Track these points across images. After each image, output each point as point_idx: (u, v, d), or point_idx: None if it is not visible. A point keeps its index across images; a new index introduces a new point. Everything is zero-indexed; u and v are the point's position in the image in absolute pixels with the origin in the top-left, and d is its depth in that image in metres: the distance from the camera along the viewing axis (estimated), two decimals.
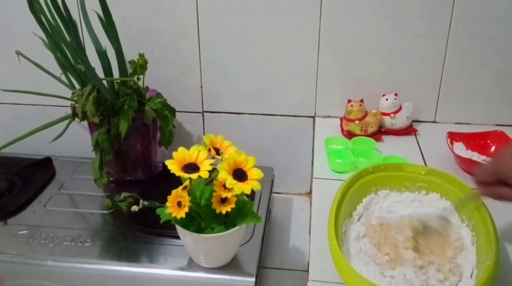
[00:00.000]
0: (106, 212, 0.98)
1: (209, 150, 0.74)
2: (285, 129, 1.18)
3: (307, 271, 0.71)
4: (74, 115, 0.98)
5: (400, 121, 1.06)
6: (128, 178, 1.09)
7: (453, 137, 0.98)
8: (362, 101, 1.05)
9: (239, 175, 0.69)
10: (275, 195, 1.23)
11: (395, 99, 1.06)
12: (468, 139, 0.99)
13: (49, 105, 1.20)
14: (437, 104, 1.11)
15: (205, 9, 1.07)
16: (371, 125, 1.04)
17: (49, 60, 0.99)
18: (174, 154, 0.71)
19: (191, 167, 0.70)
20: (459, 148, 0.97)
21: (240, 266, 0.82)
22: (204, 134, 1.21)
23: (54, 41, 0.92)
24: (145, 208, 0.77)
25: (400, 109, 1.06)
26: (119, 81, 0.98)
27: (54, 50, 0.95)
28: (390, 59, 1.07)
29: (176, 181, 0.71)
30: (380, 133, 1.06)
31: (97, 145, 0.97)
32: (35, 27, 0.89)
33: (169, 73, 1.14)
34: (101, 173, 0.99)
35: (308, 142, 1.17)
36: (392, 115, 1.06)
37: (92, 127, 1.00)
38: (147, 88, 1.03)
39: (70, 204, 1.01)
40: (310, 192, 1.24)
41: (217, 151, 0.75)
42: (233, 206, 0.71)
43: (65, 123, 1.05)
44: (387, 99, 1.06)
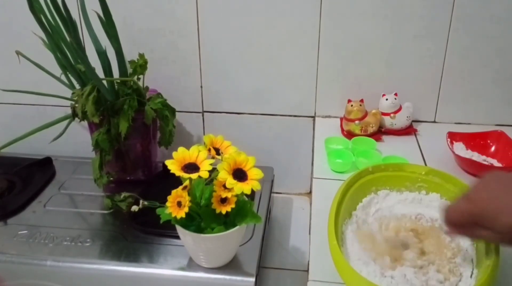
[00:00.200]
0: (106, 212, 0.98)
1: (209, 150, 0.74)
2: (285, 129, 1.18)
3: (307, 271, 0.71)
4: (74, 115, 0.98)
5: (400, 121, 1.06)
6: (128, 178, 1.09)
7: (453, 137, 0.98)
8: (362, 101, 1.05)
9: (239, 175, 0.69)
10: (275, 195, 1.23)
11: (395, 99, 1.06)
12: (468, 139, 0.99)
13: (49, 105, 1.20)
14: (437, 104, 1.11)
15: (205, 9, 1.07)
16: (371, 125, 1.04)
17: (49, 60, 0.99)
18: (174, 154, 0.71)
19: (191, 167, 0.70)
20: (459, 148, 0.97)
21: (240, 266, 0.82)
22: (204, 134, 1.21)
23: (54, 41, 0.92)
24: (145, 208, 0.77)
25: (400, 109, 1.06)
26: (119, 81, 0.98)
27: (54, 50, 0.95)
28: (390, 59, 1.07)
29: (176, 181, 0.71)
30: (380, 133, 1.06)
31: (97, 145, 0.97)
32: (35, 27, 0.89)
33: (169, 73, 1.14)
34: (101, 173, 0.99)
35: (308, 142, 1.17)
36: (392, 115, 1.06)
37: (92, 127, 1.00)
38: (147, 88, 1.03)
39: (70, 204, 1.01)
40: (310, 192, 1.24)
41: (217, 151, 0.75)
42: (233, 206, 0.71)
43: (65, 123, 1.05)
44: (387, 99, 1.06)
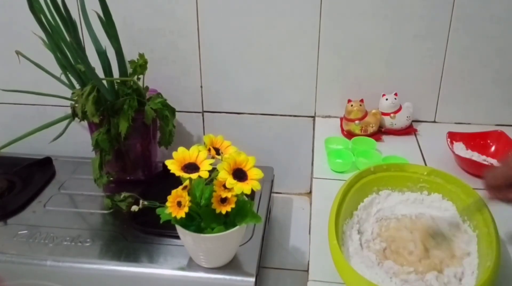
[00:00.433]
0: (106, 212, 0.98)
1: (209, 150, 0.74)
2: (285, 129, 1.18)
3: (307, 271, 0.71)
4: (74, 115, 0.98)
5: (400, 121, 1.06)
6: (128, 178, 1.09)
7: (453, 137, 0.98)
8: (362, 101, 1.05)
9: (239, 175, 0.69)
10: (275, 195, 1.23)
11: (395, 99, 1.06)
12: (468, 139, 0.99)
13: (49, 105, 1.20)
14: (437, 104, 1.11)
15: (205, 9, 1.07)
16: (371, 125, 1.04)
17: (49, 60, 0.99)
18: (174, 154, 0.71)
19: (191, 167, 0.70)
20: (459, 148, 0.97)
21: (240, 266, 0.82)
22: (204, 134, 1.21)
23: (54, 41, 0.92)
24: (145, 208, 0.77)
25: (400, 109, 1.06)
26: (119, 81, 0.98)
27: (54, 50, 0.95)
28: (390, 59, 1.07)
29: (176, 181, 0.71)
30: (380, 133, 1.06)
31: (97, 145, 0.97)
32: (35, 27, 0.89)
33: (169, 73, 1.14)
34: (101, 173, 0.99)
35: (308, 142, 1.17)
36: (392, 115, 1.06)
37: (92, 127, 1.00)
38: (147, 88, 1.03)
39: (70, 204, 1.01)
40: (310, 192, 1.24)
41: (217, 151, 0.75)
42: (233, 206, 0.71)
43: (65, 123, 1.05)
44: (387, 99, 1.06)
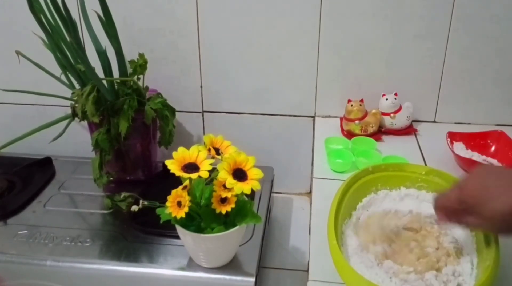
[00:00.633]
0: (106, 212, 0.98)
1: (209, 150, 0.74)
2: (285, 129, 1.18)
3: (307, 271, 0.71)
4: (74, 115, 0.98)
5: (400, 121, 1.06)
6: (128, 178, 1.09)
7: (453, 137, 0.98)
8: (362, 101, 1.05)
9: (239, 175, 0.69)
10: (275, 195, 1.23)
11: (395, 99, 1.06)
12: (468, 139, 0.99)
13: (49, 105, 1.20)
14: (437, 104, 1.11)
15: (205, 9, 1.07)
16: (371, 125, 1.04)
17: (49, 60, 0.99)
18: (174, 154, 0.71)
19: (191, 167, 0.70)
20: (459, 148, 0.97)
21: (240, 266, 0.82)
22: (204, 134, 1.21)
23: (54, 41, 0.92)
24: (145, 208, 0.77)
25: (400, 109, 1.06)
26: (119, 81, 0.98)
27: (54, 50, 0.95)
28: (390, 59, 1.07)
29: (176, 181, 0.71)
30: (380, 133, 1.06)
31: (97, 145, 0.97)
32: (35, 27, 0.89)
33: (169, 73, 1.14)
34: (101, 173, 0.99)
35: (308, 142, 1.17)
36: (392, 115, 1.06)
37: (92, 127, 1.00)
38: (147, 88, 1.03)
39: (70, 204, 1.01)
40: (310, 192, 1.24)
41: (217, 151, 0.75)
42: (233, 206, 0.71)
43: (65, 123, 1.05)
44: (387, 99, 1.06)
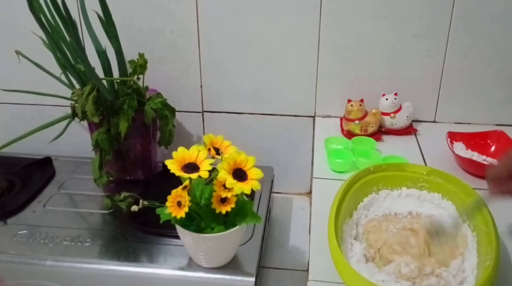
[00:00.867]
0: (106, 212, 0.98)
1: (209, 149, 0.74)
2: (285, 129, 1.18)
3: (307, 271, 0.71)
4: (73, 114, 0.98)
5: (400, 120, 1.06)
6: (128, 177, 1.09)
7: (453, 137, 0.98)
8: (362, 101, 1.05)
9: (239, 175, 0.69)
10: (275, 195, 1.23)
11: (395, 98, 1.06)
12: (468, 139, 0.99)
13: (48, 105, 1.20)
14: (437, 104, 1.11)
15: (205, 9, 1.07)
16: (371, 124, 1.04)
17: (49, 60, 0.98)
18: (174, 153, 0.71)
19: (191, 167, 0.70)
20: (459, 148, 0.97)
21: (240, 266, 0.82)
22: (204, 134, 1.21)
23: (53, 41, 0.92)
24: (145, 208, 0.77)
25: (400, 108, 1.06)
26: (118, 80, 0.98)
27: (54, 49, 0.95)
28: (390, 59, 1.07)
29: (176, 181, 0.71)
30: (380, 132, 1.06)
31: (96, 145, 0.97)
32: (35, 27, 0.89)
33: (169, 72, 1.14)
34: (101, 172, 0.99)
35: (308, 142, 1.17)
36: (392, 114, 1.06)
37: (92, 126, 1.00)
38: (147, 88, 1.03)
39: (70, 204, 1.01)
40: (310, 192, 1.24)
41: (217, 151, 0.75)
42: (233, 206, 0.71)
43: (64, 122, 1.05)
44: (387, 99, 1.06)
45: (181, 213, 0.69)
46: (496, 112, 1.10)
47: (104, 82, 0.95)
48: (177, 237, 0.78)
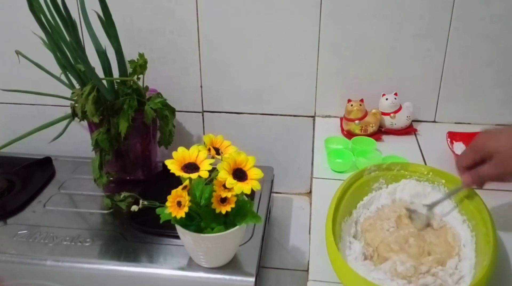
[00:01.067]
0: (105, 212, 0.98)
1: (209, 149, 0.74)
2: (285, 129, 1.18)
3: (307, 271, 0.71)
4: (73, 114, 0.98)
5: (400, 120, 1.06)
6: (128, 177, 1.09)
7: (453, 136, 0.98)
8: (362, 100, 1.05)
9: (239, 174, 0.69)
10: (275, 195, 1.23)
11: (395, 98, 1.06)
12: (468, 138, 0.99)
13: (48, 105, 1.20)
14: (437, 104, 1.11)
15: (205, 9, 1.07)
16: (371, 124, 1.04)
17: (49, 60, 0.98)
18: (174, 153, 0.71)
19: (191, 167, 0.70)
20: (459, 148, 0.97)
21: (240, 266, 0.82)
22: (204, 134, 1.21)
23: (53, 41, 0.92)
24: (145, 208, 0.77)
25: (400, 108, 1.06)
26: (118, 80, 0.98)
27: (54, 49, 0.95)
28: (390, 59, 1.07)
29: (176, 181, 0.71)
30: (380, 132, 1.06)
31: (96, 145, 0.97)
32: (35, 27, 0.89)
33: (169, 72, 1.14)
34: (101, 172, 0.99)
35: (308, 142, 1.17)
36: (392, 114, 1.06)
37: (92, 126, 1.00)
38: (146, 88, 1.03)
39: (70, 204, 1.01)
40: (310, 192, 1.24)
41: (217, 151, 0.75)
42: (233, 206, 0.71)
43: (64, 122, 1.05)
44: (387, 99, 1.06)
45: (181, 213, 0.69)
46: (496, 112, 1.10)
47: (104, 82, 0.95)
48: (177, 237, 0.78)
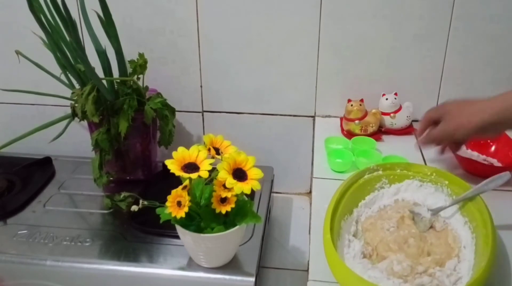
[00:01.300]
0: (105, 211, 0.98)
1: (209, 149, 0.74)
2: (285, 129, 1.18)
3: (307, 271, 0.71)
4: (73, 114, 0.98)
5: (400, 120, 1.06)
6: (128, 177, 1.09)
7: None
8: (362, 100, 1.05)
9: (239, 174, 0.69)
10: (275, 194, 1.23)
11: (395, 98, 1.06)
12: None
13: (48, 105, 1.20)
14: (437, 104, 1.10)
15: (205, 9, 1.07)
16: (371, 124, 1.04)
17: (49, 60, 0.98)
18: (174, 153, 0.71)
19: (191, 167, 0.70)
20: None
21: (240, 266, 0.82)
22: (204, 134, 1.21)
23: (53, 41, 0.92)
24: (145, 208, 0.77)
25: (400, 108, 1.06)
26: (118, 80, 0.98)
27: (54, 49, 0.94)
28: (390, 59, 1.07)
29: (176, 181, 0.71)
30: (380, 132, 1.06)
31: (96, 145, 0.97)
32: (34, 27, 0.89)
33: (169, 72, 1.14)
34: (100, 172, 0.99)
35: (308, 142, 1.17)
36: (392, 114, 1.06)
37: (92, 126, 1.00)
38: (146, 88, 1.03)
39: (70, 204, 1.01)
40: (310, 192, 1.24)
41: (217, 151, 0.75)
42: (233, 205, 0.71)
43: (64, 122, 1.05)
44: (387, 99, 1.06)
45: (181, 213, 0.69)
46: None
47: (104, 82, 0.95)
48: (177, 237, 0.78)
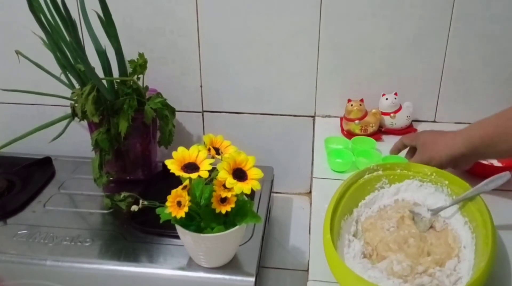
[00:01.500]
0: (105, 211, 0.98)
1: (209, 149, 0.74)
2: (285, 128, 1.18)
3: (307, 271, 0.71)
4: (73, 114, 0.98)
5: (400, 120, 1.06)
6: (128, 177, 1.09)
7: None
8: (362, 100, 1.05)
9: (239, 174, 0.69)
10: (275, 194, 1.23)
11: (395, 98, 1.06)
12: None
13: (48, 105, 1.20)
14: (437, 104, 1.11)
15: (205, 9, 1.07)
16: (371, 124, 1.04)
17: (49, 60, 0.98)
18: (174, 153, 0.71)
19: (191, 167, 0.70)
20: None
21: (240, 266, 0.82)
22: (204, 134, 1.21)
23: (53, 41, 0.92)
24: (145, 208, 0.77)
25: (400, 108, 1.06)
26: (118, 80, 0.98)
27: (54, 49, 0.94)
28: (390, 59, 1.07)
29: (176, 181, 0.71)
30: (380, 132, 1.06)
31: (96, 145, 0.97)
32: (34, 27, 0.89)
33: (169, 72, 1.14)
34: (100, 172, 0.99)
35: (308, 142, 1.17)
36: (392, 114, 1.06)
37: (92, 126, 1.00)
38: (146, 88, 1.03)
39: (70, 204, 1.01)
40: (310, 192, 1.24)
41: (217, 151, 0.75)
42: (233, 205, 0.71)
43: (64, 122, 1.05)
44: (387, 99, 1.06)
45: (181, 213, 0.69)
46: (496, 112, 1.09)
47: (104, 82, 0.95)
48: (177, 237, 0.78)
